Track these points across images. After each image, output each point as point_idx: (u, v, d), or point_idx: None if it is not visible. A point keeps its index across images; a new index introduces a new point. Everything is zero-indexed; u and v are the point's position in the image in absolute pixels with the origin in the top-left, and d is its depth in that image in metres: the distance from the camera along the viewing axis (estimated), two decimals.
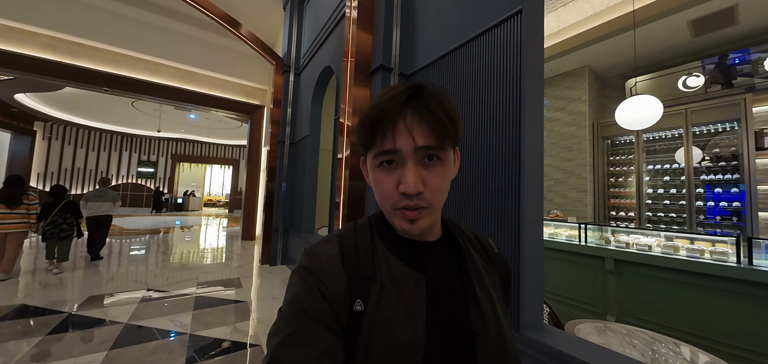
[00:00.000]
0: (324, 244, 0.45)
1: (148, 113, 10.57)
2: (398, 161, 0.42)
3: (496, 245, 0.57)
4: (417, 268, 0.44)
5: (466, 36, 1.63)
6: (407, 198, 0.41)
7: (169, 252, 5.41)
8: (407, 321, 0.40)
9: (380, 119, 0.41)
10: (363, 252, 0.44)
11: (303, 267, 0.42)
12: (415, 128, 0.40)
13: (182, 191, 15.65)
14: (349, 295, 0.40)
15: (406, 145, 0.40)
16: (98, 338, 2.24)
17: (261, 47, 5.06)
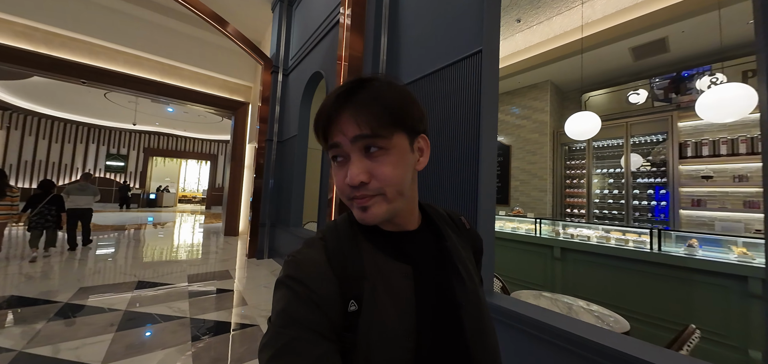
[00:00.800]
0: (307, 249, 0.44)
1: (122, 105, 10.19)
2: (343, 156, 0.43)
3: (468, 222, 0.61)
4: (403, 258, 0.45)
5: (440, 64, 2.00)
6: (354, 189, 0.42)
7: (153, 247, 5.43)
8: (400, 312, 0.41)
9: (319, 118, 0.43)
10: (348, 252, 0.44)
11: (289, 277, 0.40)
12: (348, 121, 0.41)
13: (155, 186, 15.09)
14: (341, 297, 0.40)
15: (342, 139, 0.42)
16: (101, 322, 2.40)
17: (248, 46, 5.19)
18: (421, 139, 0.47)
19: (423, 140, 0.48)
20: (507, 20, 4.06)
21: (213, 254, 5.11)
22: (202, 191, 17.06)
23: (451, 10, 2.00)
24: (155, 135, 14.66)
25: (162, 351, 2.01)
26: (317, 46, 4.11)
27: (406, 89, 0.46)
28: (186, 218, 10.40)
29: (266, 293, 3.29)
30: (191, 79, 7.25)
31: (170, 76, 7.00)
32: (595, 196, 4.90)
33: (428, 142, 0.49)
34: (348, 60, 2.67)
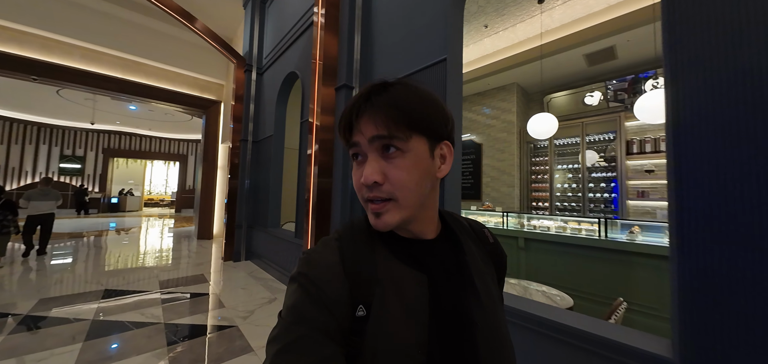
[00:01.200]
0: (322, 249, 0.45)
1: (78, 103, 9.45)
2: (362, 155, 0.43)
3: (491, 235, 0.58)
4: (418, 267, 0.44)
5: (409, 70, 2.14)
6: (368, 189, 0.42)
7: (117, 254, 5.16)
8: (411, 322, 0.40)
9: (343, 119, 0.44)
10: (363, 255, 0.43)
11: (302, 274, 0.41)
12: (367, 122, 0.42)
13: (117, 189, 14.14)
14: (351, 301, 0.40)
15: (361, 138, 0.42)
16: (68, 332, 2.31)
17: (219, 43, 5.04)
18: (444, 146, 0.46)
19: (446, 147, 0.47)
20: (475, 26, 4.30)
21: (186, 258, 4.96)
22: (171, 194, 16.20)
23: (419, 21, 2.14)
24: (116, 135, 13.71)
25: (138, 357, 2.00)
26: (292, 45, 4.12)
27: (431, 94, 0.46)
28: (153, 223, 9.88)
29: (244, 295, 3.29)
30: (157, 76, 6.89)
31: (133, 73, 6.61)
32: (557, 190, 5.32)
33: (452, 149, 0.47)
34: (323, 59, 2.74)
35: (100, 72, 6.22)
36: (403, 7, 2.30)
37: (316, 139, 2.67)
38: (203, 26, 4.90)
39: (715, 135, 0.98)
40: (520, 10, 3.92)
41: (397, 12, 2.37)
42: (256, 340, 2.28)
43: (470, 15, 4.07)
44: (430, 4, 2.05)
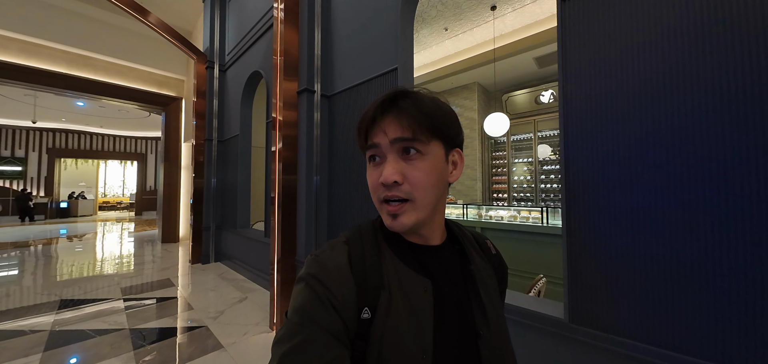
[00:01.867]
0: (330, 251, 0.45)
1: (16, 99, 8.54)
2: (381, 156, 0.44)
3: (493, 246, 0.59)
4: (423, 272, 0.45)
5: (366, 77, 2.30)
6: (386, 188, 0.43)
7: (72, 262, 4.87)
8: (416, 327, 0.41)
9: (364, 120, 0.45)
10: (370, 259, 0.44)
11: (311, 275, 0.41)
12: (390, 124, 0.43)
13: (67, 192, 12.98)
14: (357, 304, 0.40)
15: (382, 139, 0.44)
16: (23, 345, 2.24)
17: (176, 38, 4.84)
18: (455, 153, 0.48)
19: (457, 154, 0.49)
20: (436, 28, 4.53)
21: (150, 263, 4.80)
22: (130, 196, 15.14)
23: (373, 31, 2.30)
24: (61, 133, 12.52)
25: (104, 361, 2.01)
26: (255, 44, 4.09)
27: (447, 104, 0.49)
28: (111, 228, 9.27)
29: (213, 296, 3.31)
30: (108, 72, 6.43)
31: (80, 68, 6.13)
32: (515, 182, 5.79)
33: (463, 156, 0.50)
34: (284, 55, 2.75)
35: (41, 67, 5.71)
36: (359, 17, 2.44)
37: (279, 136, 2.72)
38: (157, 20, 4.67)
39: (594, 148, 1.25)
40: (475, 16, 4.20)
41: (353, 20, 2.50)
42: (226, 338, 2.36)
43: (431, 18, 4.29)
44: (383, 16, 2.22)
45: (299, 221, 2.74)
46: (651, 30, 1.13)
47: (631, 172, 1.16)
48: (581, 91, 1.29)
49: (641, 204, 1.14)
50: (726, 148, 0.99)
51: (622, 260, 1.17)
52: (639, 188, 1.14)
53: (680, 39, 1.07)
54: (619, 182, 1.19)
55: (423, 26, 4.45)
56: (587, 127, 1.27)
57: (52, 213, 11.72)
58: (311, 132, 2.70)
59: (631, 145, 1.17)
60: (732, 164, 0.98)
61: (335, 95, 2.66)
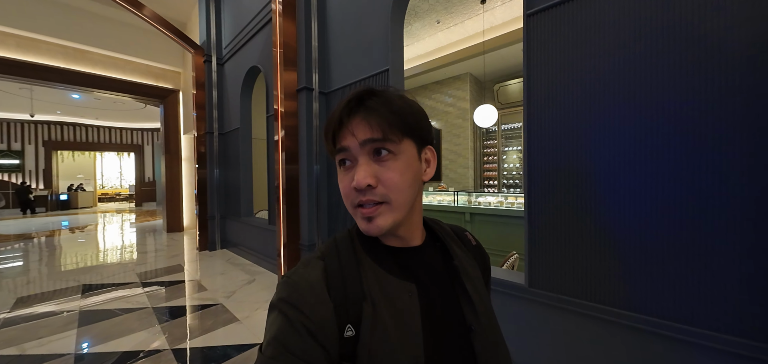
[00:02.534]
0: (303, 268, 0.43)
1: (12, 93, 8.55)
2: (351, 160, 0.43)
3: (473, 237, 0.58)
4: (406, 276, 0.44)
5: (360, 76, 2.52)
6: (360, 193, 0.41)
7: (83, 253, 5.11)
8: (405, 334, 0.40)
9: (330, 123, 0.43)
10: (349, 271, 0.42)
11: (282, 300, 0.39)
12: (358, 126, 0.41)
13: (66, 185, 13.08)
14: (337, 323, 0.38)
15: (351, 142, 0.42)
16: (58, 323, 2.51)
17: (171, 31, 4.91)
18: (428, 150, 0.47)
19: (430, 151, 0.48)
20: (429, 21, 4.69)
21: (159, 251, 5.06)
22: (129, 187, 15.25)
23: (366, 33, 2.50)
24: (58, 125, 12.51)
25: (134, 335, 2.29)
26: (253, 38, 4.22)
27: (416, 102, 0.47)
28: (112, 219, 9.47)
29: (223, 279, 3.59)
30: (104, 65, 6.50)
31: (76, 62, 6.19)
32: (505, 169, 6.07)
33: (435, 154, 0.49)
34: (283, 47, 2.90)
35: (38, 62, 5.78)
36: (353, 19, 2.62)
37: (281, 126, 2.93)
38: (152, 13, 4.73)
39: (550, 143, 1.51)
40: (466, 9, 4.36)
41: (347, 22, 2.69)
42: (240, 312, 2.65)
43: (423, 11, 4.45)
44: (375, 19, 2.41)
45: (302, 209, 3.00)
46: (600, 43, 1.37)
47: (578, 162, 1.42)
48: (542, 94, 1.53)
49: (583, 188, 1.41)
50: (654, 141, 1.24)
51: (569, 234, 1.45)
52: (582, 175, 1.41)
53: (622, 50, 1.31)
54: (569, 170, 1.45)
55: (415, 19, 4.60)
56: (545, 125, 1.52)
57: (52, 205, 11.84)
58: (310, 125, 2.92)
59: (577, 140, 1.42)
60: (660, 154, 1.24)
61: (332, 92, 2.87)
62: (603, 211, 1.35)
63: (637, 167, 1.27)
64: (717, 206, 1.10)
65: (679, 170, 1.18)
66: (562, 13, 1.47)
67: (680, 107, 1.18)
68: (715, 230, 1.11)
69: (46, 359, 1.98)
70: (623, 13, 1.30)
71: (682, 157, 1.17)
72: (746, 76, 1.05)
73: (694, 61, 1.14)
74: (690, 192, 1.15)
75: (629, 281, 1.29)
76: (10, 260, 4.59)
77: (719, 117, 1.10)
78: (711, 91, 1.11)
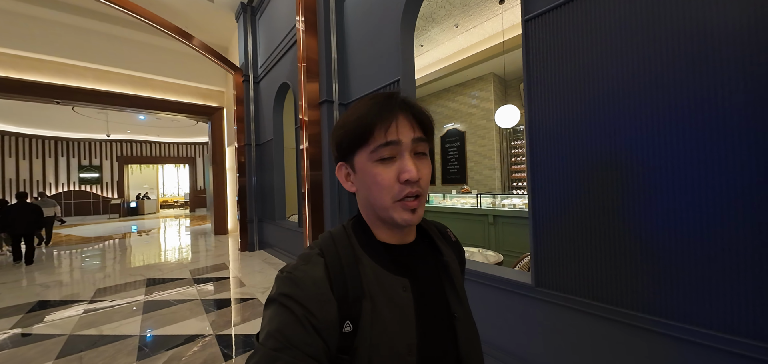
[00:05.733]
0: (304, 265, 0.44)
1: (92, 116, 10.13)
2: (397, 155, 0.44)
3: (453, 235, 0.63)
4: (400, 271, 0.47)
5: (375, 87, 2.68)
6: (409, 185, 0.43)
7: (148, 252, 5.91)
8: (401, 326, 0.43)
9: (381, 114, 0.44)
10: (349, 269, 0.43)
11: (285, 295, 0.39)
12: (407, 123, 0.45)
13: (134, 194, 15.03)
14: (338, 319, 0.40)
15: (406, 136, 0.44)
16: (128, 310, 3.00)
17: (216, 56, 5.53)
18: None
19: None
20: (447, 26, 4.74)
21: (207, 251, 5.68)
22: (184, 195, 17.06)
23: (379, 46, 2.67)
24: (128, 143, 14.47)
25: (187, 321, 2.68)
26: (282, 58, 4.62)
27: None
28: (171, 223, 10.69)
29: (260, 276, 3.97)
30: (163, 89, 7.47)
31: (141, 88, 7.20)
32: None
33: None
34: (306, 62, 3.16)
35: (111, 90, 6.82)
36: (368, 34, 2.81)
37: (306, 135, 3.19)
38: (200, 42, 5.38)
39: (550, 147, 1.54)
40: (484, 10, 4.35)
41: (364, 36, 2.88)
42: None
43: (440, 17, 4.52)
44: (387, 32, 2.57)
45: (325, 213, 3.23)
46: (596, 45, 1.38)
47: (580, 163, 1.43)
48: (542, 97, 1.57)
49: (584, 192, 1.42)
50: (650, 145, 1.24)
51: (573, 236, 1.46)
52: (585, 179, 1.42)
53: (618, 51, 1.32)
54: (571, 171, 1.47)
55: (433, 25, 4.68)
56: (546, 127, 1.55)
57: (124, 212, 13.68)
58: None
59: (578, 141, 1.44)
60: (663, 155, 1.23)
61: (350, 103, 3.08)
62: (607, 211, 1.36)
63: (639, 168, 1.27)
64: (724, 207, 1.07)
65: (684, 171, 1.16)
66: (559, 16, 1.50)
67: (682, 106, 1.16)
68: (724, 232, 1.08)
69: (117, 339, 2.41)
70: (620, 15, 1.31)
71: (686, 158, 1.16)
72: (737, 74, 1.03)
73: (692, 59, 1.13)
74: (696, 193, 1.13)
75: (635, 281, 1.28)
76: (92, 258, 5.48)
77: (719, 116, 1.08)
78: (709, 89, 1.09)
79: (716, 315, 1.09)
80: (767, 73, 0.99)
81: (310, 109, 3.19)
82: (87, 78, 6.52)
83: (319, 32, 3.26)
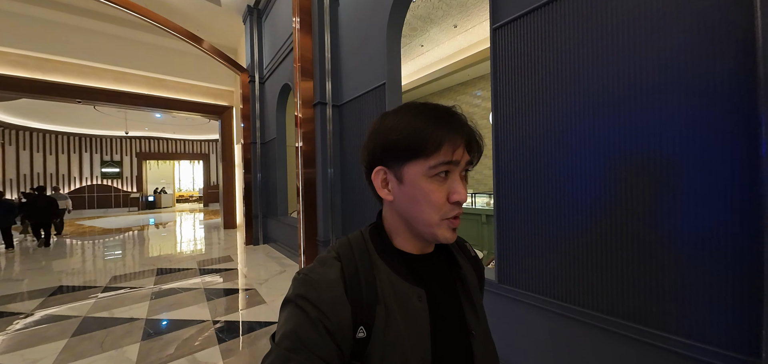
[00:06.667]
0: (320, 267, 0.44)
1: (112, 114, 10.69)
2: (450, 173, 0.43)
3: (472, 249, 0.61)
4: (417, 281, 0.46)
5: (364, 90, 2.80)
6: (457, 207, 0.43)
7: (161, 243, 6.26)
8: (415, 337, 0.42)
9: (451, 132, 0.42)
10: (364, 274, 0.43)
11: (301, 297, 0.40)
12: (473, 146, 0.45)
13: (152, 188, 15.73)
14: (352, 324, 0.40)
15: (463, 158, 0.44)
16: (139, 296, 3.25)
17: (225, 59, 5.77)
18: None
19: None
20: (445, 26, 4.78)
21: (215, 244, 5.97)
22: (198, 190, 17.71)
23: (368, 51, 2.77)
24: (146, 139, 15.15)
25: (190, 307, 2.89)
26: (285, 60, 4.78)
27: None
28: (186, 217, 11.18)
29: (262, 270, 4.17)
30: (177, 89, 7.81)
31: (157, 88, 7.56)
32: None
33: None
34: (300, 61, 3.27)
35: (129, 90, 7.21)
36: (358, 39, 2.92)
37: (300, 130, 3.26)
38: (209, 45, 5.61)
39: (512, 143, 1.61)
40: (481, 10, 4.37)
41: (354, 41, 2.99)
42: (268, 297, 3.13)
43: (438, 18, 4.57)
44: (374, 38, 2.67)
45: (318, 211, 3.38)
46: (559, 50, 1.45)
47: (537, 164, 1.51)
48: (506, 100, 1.64)
49: (541, 190, 1.49)
50: (602, 147, 1.30)
51: (531, 233, 1.54)
52: (540, 177, 1.49)
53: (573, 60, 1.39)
54: (530, 172, 1.54)
55: (432, 25, 4.73)
56: (509, 130, 1.63)
57: (142, 205, 14.37)
58: (324, 135, 3.29)
59: (536, 142, 1.51)
60: (605, 160, 1.30)
61: (344, 104, 3.20)
62: (557, 211, 1.43)
63: (586, 170, 1.34)
64: (661, 207, 1.13)
65: (623, 173, 1.23)
66: (523, 25, 1.57)
67: (622, 120, 1.23)
68: (663, 231, 1.14)
69: (126, 321, 2.64)
70: (573, 23, 1.37)
71: (625, 159, 1.22)
72: (674, 75, 1.09)
73: (632, 63, 1.19)
74: (635, 194, 1.20)
75: (581, 279, 1.35)
76: (111, 248, 5.86)
77: (659, 116, 1.14)
78: (650, 90, 1.15)
79: (663, 316, 1.15)
80: (699, 92, 1.04)
81: (304, 107, 3.33)
82: (106, 79, 6.92)
83: (313, 33, 3.38)
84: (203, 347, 2.20)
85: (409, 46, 5.48)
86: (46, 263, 4.81)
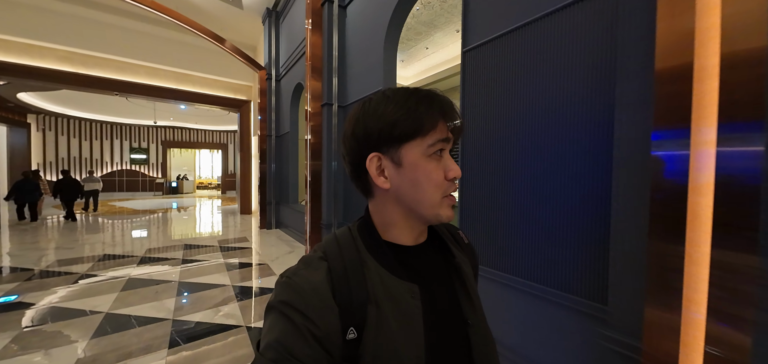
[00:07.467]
0: (305, 269, 0.42)
1: (142, 104, 11.54)
2: (443, 151, 0.43)
3: (465, 236, 0.59)
4: (409, 277, 0.44)
5: (364, 95, 3.20)
6: (454, 184, 0.44)
7: (186, 225, 6.93)
8: (408, 334, 0.40)
9: (444, 108, 0.42)
10: (353, 273, 0.41)
11: (285, 303, 0.38)
12: (457, 121, 0.44)
13: (175, 175, 16.75)
14: (341, 328, 0.38)
15: (456, 135, 0.44)
16: (170, 266, 3.82)
17: (244, 57, 6.27)
18: None
19: None
20: (449, 31, 5.09)
21: (233, 227, 6.58)
22: (217, 178, 18.69)
23: (368, 60, 3.16)
24: (171, 129, 16.12)
25: (213, 275, 3.43)
26: (299, 61, 5.23)
27: None
28: (205, 203, 11.98)
29: (273, 248, 4.69)
30: (201, 84, 8.44)
31: (184, 83, 8.21)
32: None
33: None
34: (311, 59, 3.67)
35: (159, 84, 7.89)
36: (360, 49, 3.31)
37: (309, 126, 3.71)
38: (231, 45, 6.12)
39: (475, 141, 1.98)
40: None
41: (358, 50, 3.38)
42: (278, 270, 3.63)
43: (442, 23, 4.88)
44: (374, 49, 3.05)
45: (324, 202, 3.83)
46: (519, 71, 1.80)
47: (490, 160, 1.87)
48: (475, 111, 2.01)
49: (506, 189, 1.86)
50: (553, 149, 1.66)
51: (488, 217, 1.91)
52: (492, 172, 1.86)
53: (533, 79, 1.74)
54: (487, 168, 1.91)
55: (435, 30, 5.05)
56: (473, 131, 2.00)
57: (166, 190, 15.38)
58: (330, 130, 3.71)
59: (493, 142, 1.87)
60: (556, 160, 1.65)
61: (349, 105, 3.62)
62: (506, 200, 1.80)
63: (524, 168, 1.70)
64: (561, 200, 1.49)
65: (548, 172, 1.58)
66: (486, 50, 1.92)
67: (548, 137, 1.58)
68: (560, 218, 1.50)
69: (163, 282, 3.20)
70: (528, 47, 1.72)
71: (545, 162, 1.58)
72: (582, 89, 1.43)
73: (551, 79, 1.54)
74: (555, 188, 1.55)
75: (518, 255, 1.72)
76: (142, 227, 6.57)
77: (568, 144, 1.49)
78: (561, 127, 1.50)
79: (560, 279, 1.52)
80: (597, 122, 1.39)
81: (313, 101, 3.76)
82: (140, 74, 7.61)
83: (322, 37, 3.80)
84: (225, 304, 2.70)
85: (415, 48, 5.81)
86: (89, 236, 5.53)
